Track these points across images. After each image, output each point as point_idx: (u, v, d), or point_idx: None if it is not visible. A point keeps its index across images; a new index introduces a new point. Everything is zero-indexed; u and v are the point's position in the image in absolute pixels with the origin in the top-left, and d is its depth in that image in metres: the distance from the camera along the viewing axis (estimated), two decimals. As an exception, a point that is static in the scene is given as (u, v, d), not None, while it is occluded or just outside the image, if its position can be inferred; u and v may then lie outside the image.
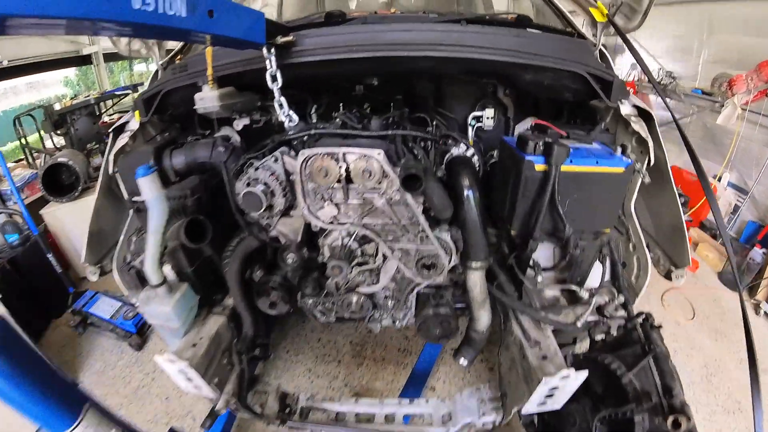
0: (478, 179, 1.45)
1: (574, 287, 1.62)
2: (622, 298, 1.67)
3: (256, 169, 1.46)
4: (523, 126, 1.96)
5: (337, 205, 1.49)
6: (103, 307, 2.97)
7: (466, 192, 1.43)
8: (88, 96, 4.30)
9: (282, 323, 2.86)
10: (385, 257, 1.61)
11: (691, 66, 4.38)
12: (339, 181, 1.41)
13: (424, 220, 1.45)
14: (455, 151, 1.57)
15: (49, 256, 3.04)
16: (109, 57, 5.70)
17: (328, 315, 1.81)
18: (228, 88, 1.50)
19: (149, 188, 1.46)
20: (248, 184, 1.43)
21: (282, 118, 1.43)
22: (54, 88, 6.74)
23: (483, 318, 1.60)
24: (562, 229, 1.46)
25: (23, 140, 4.11)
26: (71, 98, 4.45)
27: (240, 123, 1.68)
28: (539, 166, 1.37)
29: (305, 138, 1.48)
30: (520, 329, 1.66)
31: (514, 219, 1.46)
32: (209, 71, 1.35)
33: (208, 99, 1.44)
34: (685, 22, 4.35)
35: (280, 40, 1.28)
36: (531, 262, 1.57)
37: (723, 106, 3.83)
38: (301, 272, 1.62)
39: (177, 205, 1.62)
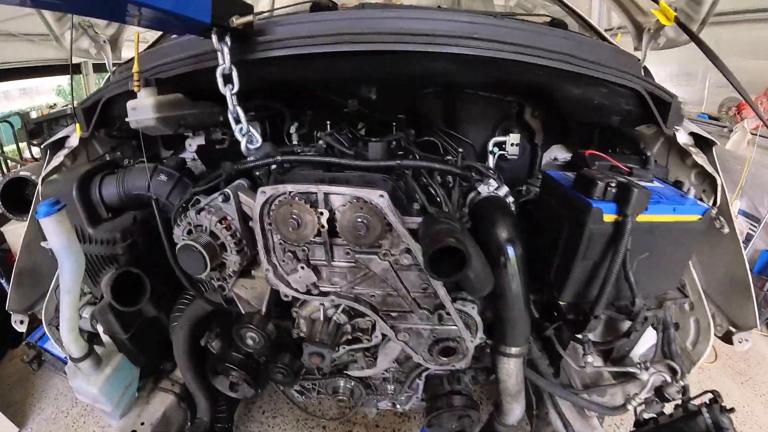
0: (519, 230, 0.93)
1: (631, 370, 1.14)
2: (687, 379, 1.21)
3: (200, 211, 0.93)
4: (551, 155, 1.53)
5: (316, 268, 0.95)
6: (59, 343, 2.46)
7: (505, 249, 0.91)
8: (66, 106, 3.78)
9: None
10: (385, 335, 1.06)
11: (697, 90, 4.04)
12: (319, 234, 0.89)
13: (446, 293, 0.93)
14: (483, 189, 1.03)
15: (2, 281, 2.53)
16: (99, 67, 5.15)
17: (308, 395, 1.28)
18: (172, 96, 1.00)
19: (55, 232, 1.00)
20: (189, 232, 0.91)
21: (238, 136, 0.90)
22: (47, 95, 6.20)
23: (515, 412, 1.08)
24: (630, 298, 0.98)
25: (-1, 149, 3.62)
26: (49, 107, 3.94)
27: (194, 142, 1.16)
28: (608, 216, 0.89)
29: (272, 167, 0.96)
30: (560, 420, 1.18)
31: (566, 286, 0.96)
32: (135, 67, 0.86)
33: (141, 109, 0.95)
34: (690, 45, 3.98)
35: (237, 21, 0.77)
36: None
37: (731, 131, 3.50)
38: (269, 351, 1.06)
39: (106, 251, 1.13)
